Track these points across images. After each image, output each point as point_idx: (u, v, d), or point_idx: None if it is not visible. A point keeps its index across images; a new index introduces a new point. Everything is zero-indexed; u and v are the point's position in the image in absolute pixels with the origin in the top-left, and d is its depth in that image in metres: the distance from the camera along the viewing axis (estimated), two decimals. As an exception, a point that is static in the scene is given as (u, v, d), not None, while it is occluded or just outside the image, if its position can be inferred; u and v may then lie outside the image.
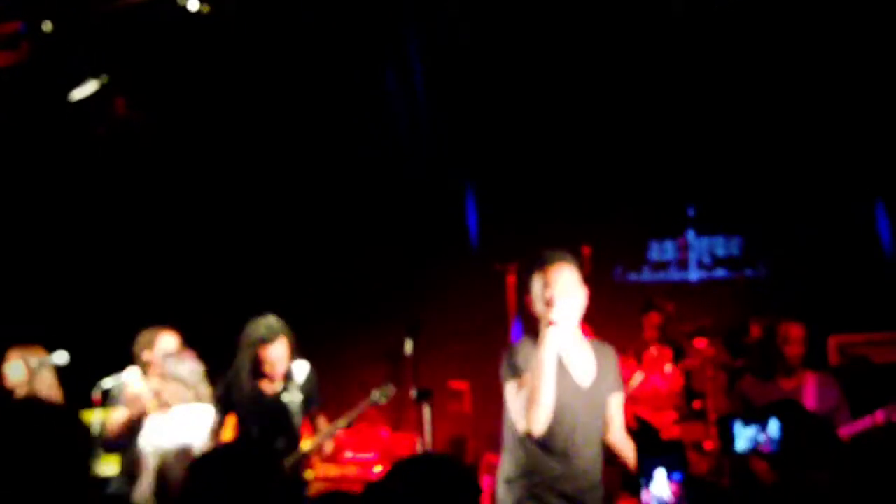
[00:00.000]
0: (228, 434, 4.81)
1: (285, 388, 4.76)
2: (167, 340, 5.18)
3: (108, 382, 5.11)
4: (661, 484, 3.32)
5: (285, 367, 4.75)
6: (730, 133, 7.32)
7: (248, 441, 4.56)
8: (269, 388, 4.79)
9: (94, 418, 5.19)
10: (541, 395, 3.34)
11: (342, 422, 4.80)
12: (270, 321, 4.75)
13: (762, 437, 4.57)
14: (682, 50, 7.19)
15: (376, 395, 4.86)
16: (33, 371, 5.11)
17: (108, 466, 5.54)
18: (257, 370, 4.74)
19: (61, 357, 5.39)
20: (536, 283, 3.48)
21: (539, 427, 3.39)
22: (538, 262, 3.49)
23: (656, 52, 7.22)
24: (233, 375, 4.81)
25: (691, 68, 7.24)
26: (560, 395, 3.42)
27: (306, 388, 4.82)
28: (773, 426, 4.62)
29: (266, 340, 4.68)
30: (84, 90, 5.75)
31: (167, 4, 5.60)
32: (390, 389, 4.88)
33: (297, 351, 4.86)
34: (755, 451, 4.60)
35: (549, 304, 3.40)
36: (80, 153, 7.05)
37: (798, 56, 7.03)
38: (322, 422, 4.94)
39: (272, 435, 4.72)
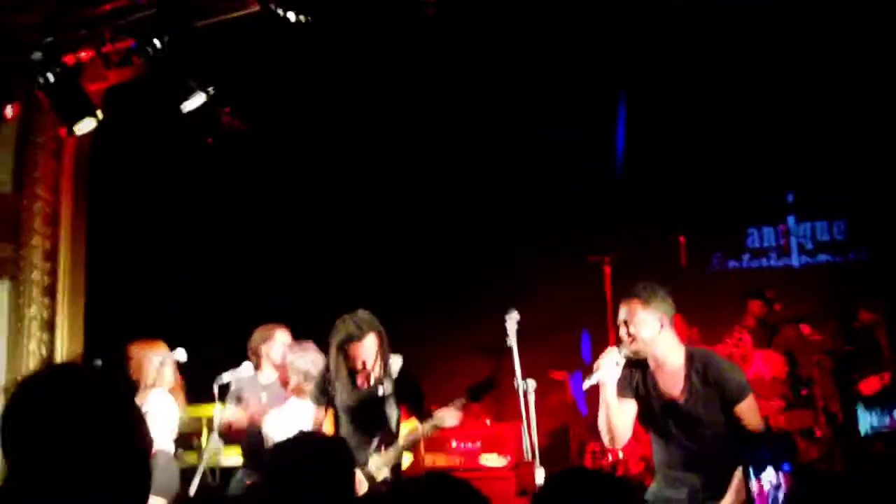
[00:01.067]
0: (329, 429, 4.84)
1: (381, 384, 4.72)
2: (282, 336, 5.49)
3: (225, 377, 5.42)
4: (770, 475, 3.35)
5: (378, 363, 4.69)
6: (827, 116, 7.15)
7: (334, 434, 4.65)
8: (363, 383, 4.74)
9: (214, 412, 5.54)
10: (603, 422, 3.95)
11: (424, 429, 4.71)
12: (359, 317, 4.70)
13: (886, 420, 4.49)
14: (775, 37, 7.04)
15: (441, 415, 4.65)
16: (159, 366, 5.44)
17: (233, 457, 5.86)
18: (349, 367, 4.70)
19: (181, 354, 5.70)
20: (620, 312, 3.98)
21: (611, 445, 4.05)
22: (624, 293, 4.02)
23: (749, 39, 7.09)
24: (328, 372, 4.83)
25: (788, 53, 7.10)
26: (651, 411, 3.96)
27: (401, 383, 4.78)
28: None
29: (354, 338, 4.64)
30: (192, 102, 6.03)
31: (268, 18, 5.81)
32: (458, 403, 4.67)
33: (390, 346, 4.79)
34: (879, 433, 4.52)
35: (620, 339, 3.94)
36: (192, 161, 7.44)
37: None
38: (414, 420, 4.81)
39: (368, 431, 4.72)
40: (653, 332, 3.86)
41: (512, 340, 4.52)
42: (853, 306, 6.15)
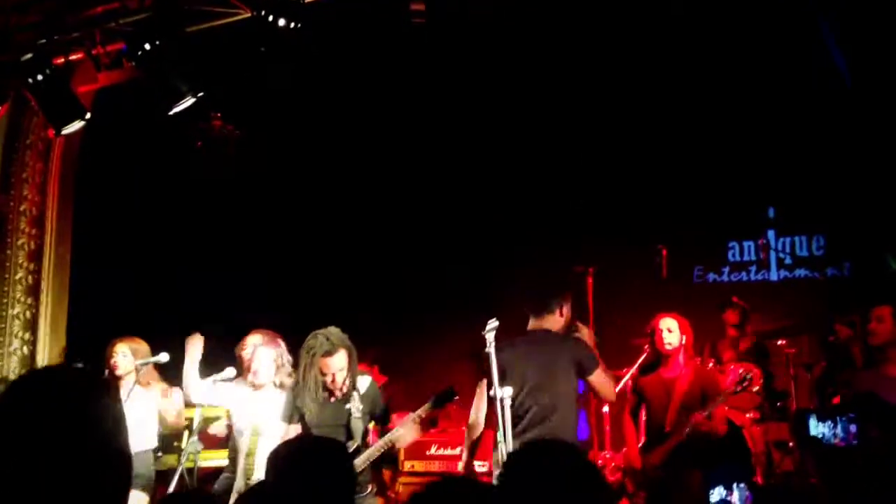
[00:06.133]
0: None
1: (350, 398, 4.87)
2: (254, 338, 5.55)
3: (208, 380, 5.45)
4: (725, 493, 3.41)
5: (347, 378, 4.85)
6: (808, 133, 7.24)
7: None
8: (333, 396, 4.89)
9: (195, 414, 5.58)
10: None
11: (397, 431, 4.85)
12: (331, 333, 4.86)
13: (837, 432, 4.54)
14: (760, 52, 7.14)
15: (395, 435, 4.84)
16: (140, 365, 5.53)
17: (213, 459, 5.89)
18: (319, 380, 4.85)
19: (164, 357, 5.75)
20: None
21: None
22: None
23: (736, 54, 7.19)
24: (299, 385, 4.96)
25: (773, 70, 7.19)
26: None
27: (368, 401, 4.93)
28: (848, 421, 4.56)
29: (325, 353, 4.80)
30: (182, 106, 6.06)
31: (258, 24, 5.86)
32: (413, 417, 4.85)
33: (358, 365, 4.97)
34: (822, 446, 4.57)
35: None
36: (181, 165, 7.47)
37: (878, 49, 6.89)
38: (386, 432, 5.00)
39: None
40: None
41: (490, 348, 4.56)
42: (829, 321, 6.22)
